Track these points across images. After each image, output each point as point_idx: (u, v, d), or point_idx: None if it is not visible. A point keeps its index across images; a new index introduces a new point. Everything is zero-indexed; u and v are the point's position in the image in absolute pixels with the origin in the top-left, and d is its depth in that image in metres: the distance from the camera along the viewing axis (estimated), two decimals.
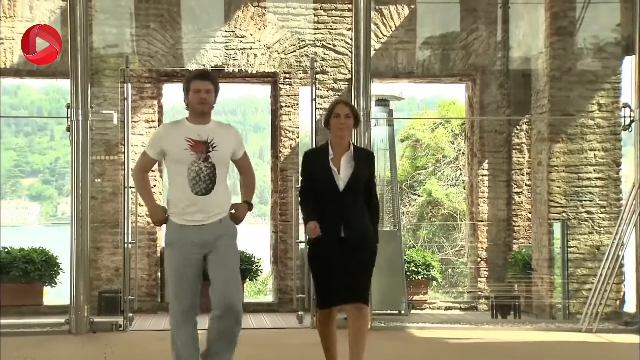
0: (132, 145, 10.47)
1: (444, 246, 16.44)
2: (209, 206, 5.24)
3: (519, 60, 11.41)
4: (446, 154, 17.68)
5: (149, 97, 11.13)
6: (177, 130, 5.32)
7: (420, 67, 11.43)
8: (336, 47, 11.27)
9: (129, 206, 9.63)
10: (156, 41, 11.06)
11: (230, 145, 5.38)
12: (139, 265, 10.62)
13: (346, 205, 5.58)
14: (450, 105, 17.91)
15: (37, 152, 57.78)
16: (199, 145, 5.24)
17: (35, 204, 56.48)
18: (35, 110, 57.80)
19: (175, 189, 5.29)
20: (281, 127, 11.26)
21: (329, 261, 5.59)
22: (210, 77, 5.40)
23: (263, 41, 11.17)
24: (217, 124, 5.42)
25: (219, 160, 5.27)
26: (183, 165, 5.21)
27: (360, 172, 5.63)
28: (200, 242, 5.23)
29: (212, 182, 5.23)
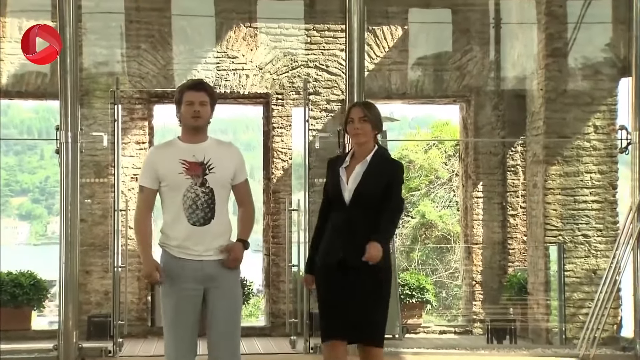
0: (123, 167, 10.39)
1: (438, 269, 16.35)
2: (208, 239, 4.69)
3: (513, 81, 11.38)
4: (440, 175, 17.60)
5: (139, 119, 11.03)
6: (169, 151, 4.75)
7: (414, 88, 11.36)
8: (329, 67, 11.20)
9: (119, 229, 9.51)
10: (147, 62, 10.98)
11: (230, 167, 4.76)
12: (129, 289, 10.50)
13: (351, 221, 4.90)
14: (443, 126, 17.85)
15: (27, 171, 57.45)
16: (195, 167, 4.67)
17: (25, 223, 56.09)
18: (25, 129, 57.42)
19: (170, 219, 4.74)
20: (274, 148, 11.17)
21: (329, 287, 4.98)
22: (205, 88, 4.82)
23: (255, 62, 11.10)
24: (214, 141, 4.81)
25: (218, 184, 4.69)
26: (178, 191, 4.67)
27: (370, 183, 4.92)
28: (201, 277, 4.70)
29: (211, 211, 4.68)
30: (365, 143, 5.04)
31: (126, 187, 10.77)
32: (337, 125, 10.18)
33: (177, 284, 4.71)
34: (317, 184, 10.21)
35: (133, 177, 10.81)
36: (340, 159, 5.14)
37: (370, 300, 4.93)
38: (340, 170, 5.02)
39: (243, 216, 4.91)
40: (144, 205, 4.82)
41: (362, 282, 4.89)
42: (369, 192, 4.93)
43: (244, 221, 4.90)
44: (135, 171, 10.86)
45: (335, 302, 4.96)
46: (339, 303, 4.93)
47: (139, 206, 4.86)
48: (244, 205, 4.91)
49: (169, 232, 4.76)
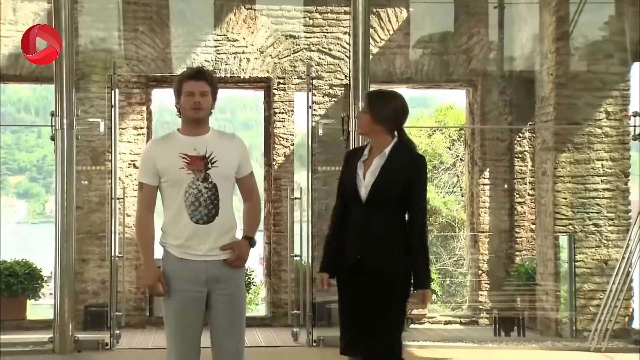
0: (120, 153, 10.27)
1: (442, 256, 16.17)
2: (212, 237, 4.42)
3: (521, 65, 11.16)
4: (443, 160, 17.41)
5: (137, 103, 10.86)
6: (169, 145, 4.48)
7: (419, 72, 11.18)
8: (332, 51, 11.02)
9: (116, 216, 9.41)
10: (145, 45, 10.79)
11: (234, 159, 4.49)
12: (126, 278, 10.33)
13: (368, 220, 4.51)
14: (447, 110, 17.64)
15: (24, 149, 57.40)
16: (196, 161, 4.40)
17: (23, 201, 56.14)
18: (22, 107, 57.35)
19: (171, 217, 4.46)
20: (275, 133, 11.00)
21: (345, 294, 4.63)
22: (206, 77, 4.53)
23: (256, 45, 10.92)
24: (216, 133, 4.55)
25: (222, 178, 4.43)
26: (179, 188, 4.40)
27: (388, 179, 4.50)
28: (205, 279, 4.44)
29: (215, 207, 4.41)
30: (370, 136, 4.68)
31: (123, 174, 10.65)
32: (341, 111, 10.10)
33: (179, 287, 4.45)
34: (320, 172, 10.33)
35: (130, 164, 10.73)
36: (359, 152, 4.71)
37: (382, 312, 4.50)
38: (357, 164, 4.61)
39: (249, 211, 4.66)
40: (144, 204, 4.53)
41: (375, 291, 4.49)
42: (387, 189, 4.51)
43: (249, 216, 4.65)
44: (133, 157, 10.75)
45: (350, 311, 4.61)
46: (354, 312, 4.58)
47: (139, 206, 4.57)
48: (249, 200, 4.66)
49: (171, 231, 4.49)
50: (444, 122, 17.56)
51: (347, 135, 8.87)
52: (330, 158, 10.55)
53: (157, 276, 4.45)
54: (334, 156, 10.45)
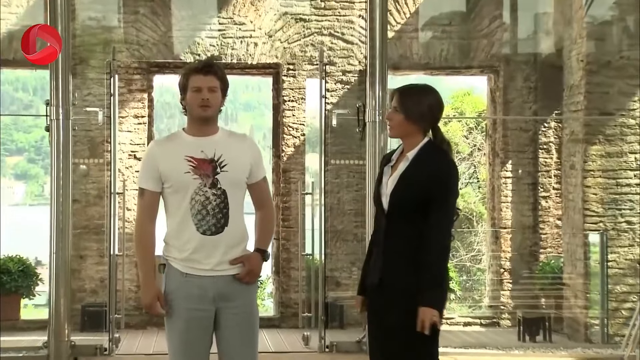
0: (120, 144, 10.13)
1: (459, 251, 15.90)
2: (221, 250, 4.11)
3: (548, 50, 10.86)
4: (460, 149, 17.14)
5: (138, 90, 10.68)
6: (173, 146, 4.19)
7: (438, 58, 10.93)
8: (345, 35, 10.79)
9: (115, 210, 9.26)
10: (146, 28, 10.58)
11: (246, 163, 4.20)
12: (126, 276, 10.12)
13: (391, 234, 4.09)
14: (464, 97, 17.35)
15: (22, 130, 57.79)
16: (204, 165, 4.10)
17: (21, 183, 56.58)
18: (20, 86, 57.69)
19: (175, 227, 4.16)
20: (284, 123, 10.79)
21: (371, 317, 4.20)
22: (215, 70, 4.20)
23: (264, 29, 10.71)
24: (226, 133, 4.25)
25: (232, 184, 4.13)
26: (184, 194, 4.10)
27: (406, 187, 4.06)
28: (213, 296, 4.12)
29: (224, 216, 4.10)
30: (401, 137, 4.18)
31: (123, 165, 10.49)
32: (354, 99, 9.98)
33: (184, 305, 4.13)
34: (332, 164, 10.13)
35: (131, 154, 10.60)
36: (390, 155, 4.29)
37: (407, 338, 4.00)
38: (384, 170, 4.21)
39: (261, 221, 4.33)
40: (145, 212, 4.20)
41: (386, 317, 4.06)
42: (405, 198, 4.06)
43: (262, 227, 4.32)
44: (134, 148, 10.61)
45: (375, 336, 4.19)
46: (380, 338, 4.15)
47: (140, 214, 4.24)
48: (262, 208, 4.34)
49: (174, 243, 4.17)
50: (461, 110, 17.29)
51: (362, 127, 8.58)
52: (343, 150, 10.44)
53: (155, 294, 4.15)
54: (347, 148, 10.44)
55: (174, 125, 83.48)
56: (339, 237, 10.65)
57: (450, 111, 16.59)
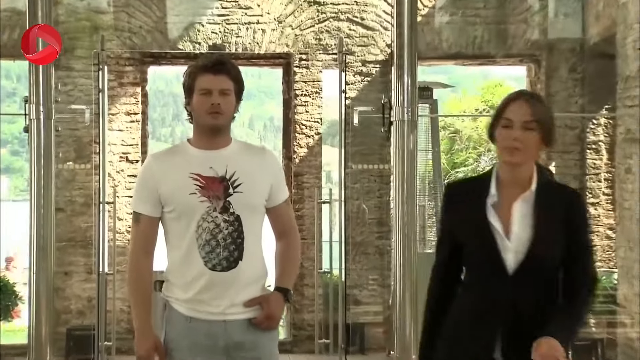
0: (110, 144, 10.03)
1: None
2: (234, 289, 3.77)
3: (598, 37, 10.52)
4: (491, 147, 17.03)
5: (130, 84, 10.52)
6: (176, 162, 3.86)
7: (471, 46, 10.70)
8: (365, 20, 10.58)
9: (105, 220, 9.24)
10: (139, 13, 10.40)
11: (265, 182, 3.88)
12: (117, 295, 9.90)
13: (517, 302, 3.39)
14: (495, 88, 17.20)
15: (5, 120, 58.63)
16: (213, 184, 3.76)
17: (4, 177, 57.50)
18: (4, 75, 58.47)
19: (178, 260, 3.82)
20: (296, 120, 10.57)
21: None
22: (228, 69, 3.85)
23: (273, 13, 10.52)
24: (240, 146, 3.93)
25: (247, 208, 3.80)
26: (189, 220, 3.76)
27: (552, 234, 3.40)
28: (224, 345, 3.78)
29: (238, 248, 3.76)
30: (524, 165, 3.47)
31: (114, 169, 10.34)
32: (375, 93, 9.84)
33: (188, 357, 3.78)
34: (353, 169, 9.95)
35: (122, 157, 10.46)
36: (478, 187, 3.56)
37: None
38: (487, 211, 3.47)
39: (284, 253, 3.99)
40: (140, 243, 3.86)
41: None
42: (551, 249, 3.40)
43: (284, 260, 3.99)
44: (125, 149, 10.44)
45: None
46: None
47: (134, 245, 3.89)
48: (284, 237, 4.00)
49: (177, 280, 3.81)
50: (492, 103, 17.16)
51: (388, 127, 8.22)
52: (363, 151, 10.22)
53: (152, 344, 3.81)
54: (368, 149, 10.24)
55: (168, 114, 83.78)
56: (359, 250, 10.42)
57: (480, 105, 16.50)
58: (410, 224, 7.44)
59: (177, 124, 79.24)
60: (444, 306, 3.61)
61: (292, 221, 4.05)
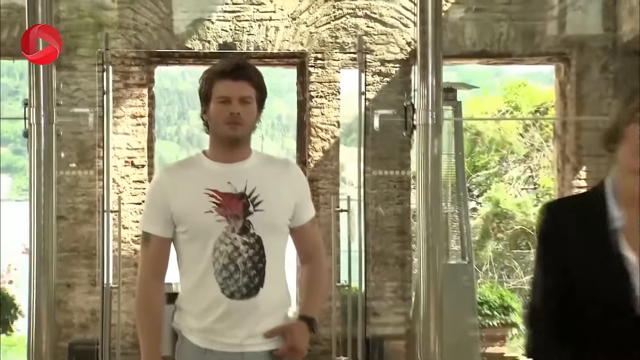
0: (114, 149, 9.93)
1: (515, 270, 15.59)
2: (253, 319, 3.57)
3: (632, 33, 10.27)
4: (514, 150, 16.93)
5: (136, 85, 10.45)
6: (190, 176, 3.65)
7: (496, 44, 10.53)
8: (383, 17, 10.46)
9: (109, 229, 9.12)
10: (145, 10, 10.35)
11: (289, 199, 3.70)
12: (122, 308, 9.78)
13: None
14: (519, 88, 17.07)
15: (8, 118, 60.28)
16: (232, 202, 3.56)
17: (6, 176, 58.31)
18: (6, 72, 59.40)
19: (192, 287, 3.63)
20: (311, 123, 10.47)
21: None
22: (249, 74, 3.64)
23: (287, 10, 10.44)
24: (261, 159, 3.74)
25: (269, 229, 3.60)
26: (204, 242, 3.55)
27: None
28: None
29: (259, 273, 3.56)
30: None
31: (118, 174, 10.26)
32: (398, 96, 9.75)
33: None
34: (373, 174, 9.88)
35: (127, 161, 10.39)
36: (589, 206, 2.97)
37: None
38: (615, 239, 2.86)
39: (309, 278, 3.81)
40: (150, 266, 3.66)
41: None
42: None
43: (310, 286, 3.81)
44: (131, 153, 10.36)
45: None
46: None
47: (143, 269, 3.69)
48: (310, 260, 3.82)
49: (190, 308, 3.61)
50: (515, 104, 17.02)
51: (411, 131, 8.06)
52: (382, 155, 10.12)
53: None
54: (388, 153, 10.16)
55: (173, 113, 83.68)
56: (378, 260, 10.30)
57: (503, 105, 16.39)
58: (435, 235, 7.23)
59: (182, 123, 79.59)
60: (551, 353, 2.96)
61: (318, 243, 3.85)
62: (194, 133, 74.34)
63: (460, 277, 9.82)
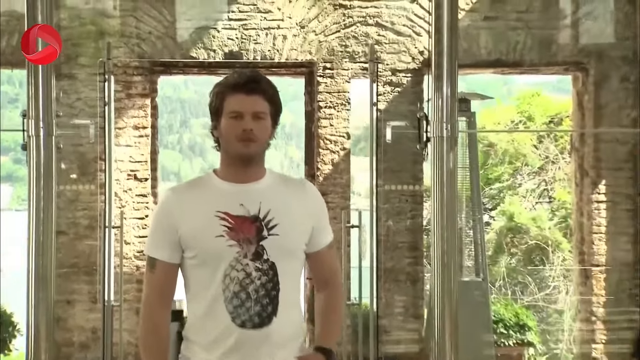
0: (116, 161, 9.89)
1: (529, 286, 15.45)
2: (266, 350, 3.41)
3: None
4: (529, 162, 16.80)
5: (139, 95, 10.32)
6: (200, 197, 3.50)
7: (512, 53, 10.41)
8: (395, 25, 10.33)
9: (111, 244, 9.18)
10: (148, 18, 10.24)
11: (305, 222, 3.56)
12: (124, 326, 9.80)
13: None
14: (532, 98, 16.98)
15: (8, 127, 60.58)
16: (244, 225, 3.41)
17: (6, 185, 58.71)
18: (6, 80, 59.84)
19: (201, 315, 3.46)
20: (320, 135, 10.33)
21: None
22: (264, 88, 3.49)
23: (295, 18, 10.33)
24: (276, 179, 3.59)
25: (284, 254, 3.47)
26: (215, 268, 3.40)
27: None
28: None
29: (273, 301, 3.42)
30: None
31: (121, 188, 10.13)
32: (409, 107, 9.73)
33: None
34: (385, 188, 9.81)
35: (130, 174, 10.26)
36: None
37: None
38: None
39: (327, 306, 3.68)
40: (155, 293, 3.50)
41: None
42: None
43: (328, 315, 3.66)
44: (133, 166, 10.24)
45: None
46: None
47: (148, 296, 3.52)
48: (327, 287, 3.70)
49: (198, 339, 3.45)
50: (529, 114, 16.90)
51: (425, 144, 7.91)
52: (393, 168, 9.98)
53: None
54: (399, 166, 10.02)
55: (175, 121, 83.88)
56: (389, 277, 10.14)
57: (516, 116, 16.28)
58: (450, 253, 7.13)
59: (184, 131, 79.53)
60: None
61: (336, 268, 3.73)
62: (196, 142, 74.17)
63: (474, 295, 9.76)
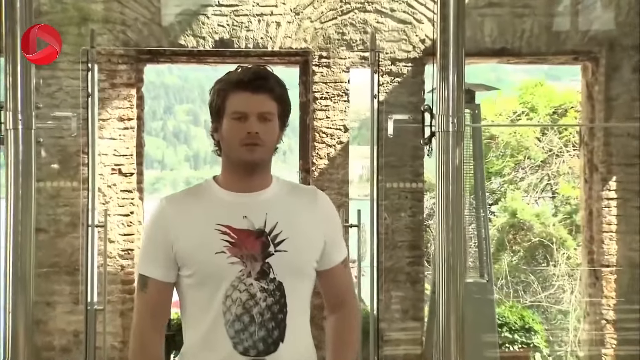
0: (100, 155, 9.78)
1: (532, 285, 15.39)
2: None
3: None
4: (531, 155, 16.74)
5: (123, 85, 10.20)
6: (198, 208, 3.26)
7: (518, 41, 10.29)
8: (395, 12, 10.21)
9: (94, 242, 9.06)
10: (134, 3, 10.12)
11: (317, 237, 3.33)
12: (108, 329, 9.75)
13: None
14: (535, 88, 16.91)
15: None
16: (248, 240, 3.18)
17: None
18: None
19: (198, 340, 3.23)
20: (315, 127, 10.21)
21: None
22: (271, 85, 3.26)
23: (289, 4, 10.22)
24: (283, 187, 3.35)
25: (293, 272, 3.26)
26: (215, 288, 3.18)
27: None
28: None
29: (279, 325, 3.23)
30: None
31: (104, 183, 10.05)
32: (410, 98, 9.73)
33: None
34: (387, 188, 9.77)
35: (114, 169, 10.16)
36: None
37: None
38: None
39: (339, 330, 3.51)
40: (147, 315, 3.27)
41: None
42: None
43: (340, 339, 3.50)
44: (118, 160, 10.15)
45: None
46: None
47: (139, 318, 3.29)
48: (340, 308, 3.52)
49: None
50: (532, 105, 16.82)
51: (429, 139, 7.73)
52: (393, 163, 9.90)
53: None
54: (399, 161, 9.96)
55: (159, 107, 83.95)
56: (388, 277, 10.04)
57: (518, 107, 16.18)
58: (456, 254, 6.95)
59: (168, 118, 79.52)
60: None
61: (350, 287, 3.54)
62: (180, 129, 74.10)
63: (478, 297, 9.70)
